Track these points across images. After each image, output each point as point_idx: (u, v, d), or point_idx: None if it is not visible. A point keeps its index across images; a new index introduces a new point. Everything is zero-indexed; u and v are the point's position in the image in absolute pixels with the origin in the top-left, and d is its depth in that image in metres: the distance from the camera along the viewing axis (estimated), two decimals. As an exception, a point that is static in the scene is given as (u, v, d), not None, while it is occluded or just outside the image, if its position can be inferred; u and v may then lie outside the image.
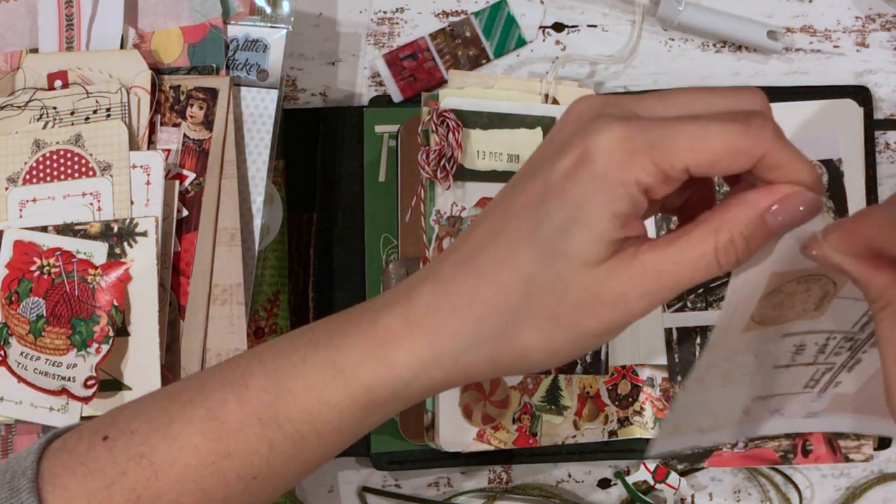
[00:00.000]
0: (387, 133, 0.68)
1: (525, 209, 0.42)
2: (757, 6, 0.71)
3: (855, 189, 0.67)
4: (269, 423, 0.44)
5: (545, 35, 0.71)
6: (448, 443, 0.64)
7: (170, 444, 0.45)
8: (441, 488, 0.69)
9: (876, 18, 0.71)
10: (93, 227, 0.61)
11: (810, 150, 0.67)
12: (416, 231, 0.66)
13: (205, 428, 0.45)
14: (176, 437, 0.45)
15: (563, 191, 0.41)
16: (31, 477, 0.44)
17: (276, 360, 0.45)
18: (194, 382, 0.47)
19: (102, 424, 0.47)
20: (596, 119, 0.41)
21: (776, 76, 0.71)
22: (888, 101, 0.71)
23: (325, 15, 0.71)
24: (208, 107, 0.63)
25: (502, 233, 0.43)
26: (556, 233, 0.41)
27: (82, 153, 0.62)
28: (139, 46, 0.64)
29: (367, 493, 0.69)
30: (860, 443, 0.66)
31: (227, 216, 0.63)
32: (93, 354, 0.60)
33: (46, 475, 0.45)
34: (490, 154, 0.65)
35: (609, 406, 0.67)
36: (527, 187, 0.43)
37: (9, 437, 0.63)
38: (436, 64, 0.70)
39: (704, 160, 0.40)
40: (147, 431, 0.45)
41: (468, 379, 0.45)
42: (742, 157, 0.40)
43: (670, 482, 0.68)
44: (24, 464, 0.45)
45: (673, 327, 0.67)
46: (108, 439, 0.45)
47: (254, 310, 0.65)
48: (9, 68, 0.64)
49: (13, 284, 0.61)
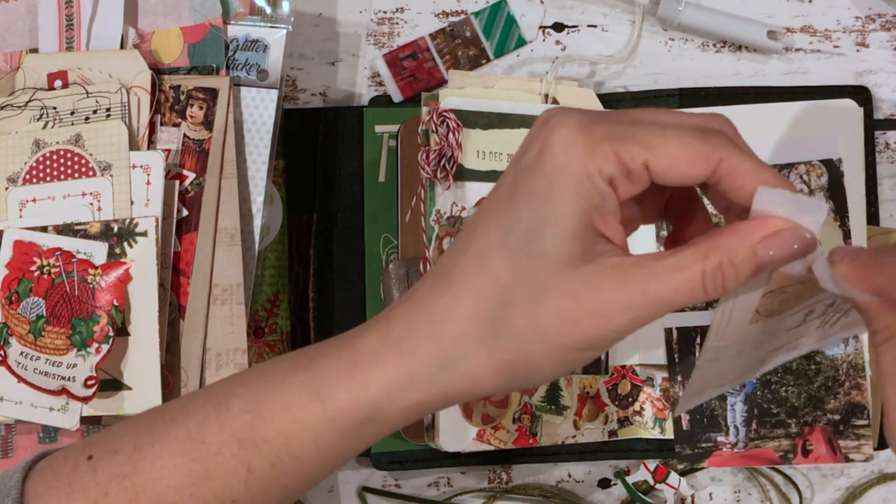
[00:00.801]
0: (387, 133, 0.68)
1: (493, 216, 0.42)
2: (757, 6, 0.71)
3: (855, 189, 0.67)
4: (246, 444, 0.44)
5: (545, 35, 0.71)
6: (448, 443, 0.64)
7: (151, 464, 0.44)
8: (441, 488, 0.69)
9: (876, 18, 0.71)
10: (93, 227, 0.61)
11: (810, 150, 0.67)
12: (416, 231, 0.66)
13: (186, 448, 0.44)
14: (157, 456, 0.44)
15: (528, 190, 0.40)
16: (16, 497, 0.44)
17: (258, 381, 0.45)
18: (178, 403, 0.46)
19: (88, 444, 0.46)
20: (555, 115, 0.41)
21: (776, 76, 0.71)
22: (888, 101, 0.71)
23: (325, 15, 0.71)
24: (208, 107, 0.63)
25: (473, 243, 0.42)
26: (527, 235, 0.40)
27: (82, 153, 0.62)
28: (139, 46, 0.64)
29: (367, 493, 0.69)
30: (860, 443, 0.66)
31: (227, 216, 0.63)
32: (93, 354, 0.60)
33: (31, 495, 0.45)
34: (490, 154, 0.65)
35: (609, 406, 0.67)
36: (494, 194, 0.43)
37: (9, 437, 0.63)
38: (436, 64, 0.70)
39: (664, 158, 0.39)
40: (130, 451, 0.45)
41: (449, 400, 0.43)
42: (699, 160, 0.39)
43: (670, 482, 0.68)
44: (9, 483, 0.45)
45: (673, 327, 0.67)
46: (92, 459, 0.45)
47: (254, 310, 0.65)
48: (9, 68, 0.64)
49: (13, 284, 0.61)
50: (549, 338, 0.41)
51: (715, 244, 0.40)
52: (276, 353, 0.66)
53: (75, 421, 0.61)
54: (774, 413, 0.66)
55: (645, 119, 0.41)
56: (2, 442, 0.63)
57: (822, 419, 0.66)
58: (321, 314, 0.68)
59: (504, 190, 0.42)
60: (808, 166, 0.67)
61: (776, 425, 0.66)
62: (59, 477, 0.45)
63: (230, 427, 0.44)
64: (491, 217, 0.42)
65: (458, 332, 0.41)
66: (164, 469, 0.44)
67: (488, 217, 0.42)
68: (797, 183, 0.66)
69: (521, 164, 0.42)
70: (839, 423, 0.66)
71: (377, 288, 0.67)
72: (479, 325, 0.41)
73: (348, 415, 0.43)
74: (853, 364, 0.66)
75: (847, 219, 0.66)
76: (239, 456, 0.44)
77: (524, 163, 0.41)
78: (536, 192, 0.40)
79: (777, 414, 0.66)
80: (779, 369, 0.66)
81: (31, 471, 0.46)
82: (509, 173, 0.43)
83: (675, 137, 0.40)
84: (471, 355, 0.42)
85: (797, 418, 0.66)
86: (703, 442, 0.67)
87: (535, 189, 0.40)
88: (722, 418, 0.66)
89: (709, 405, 0.67)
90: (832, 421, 0.66)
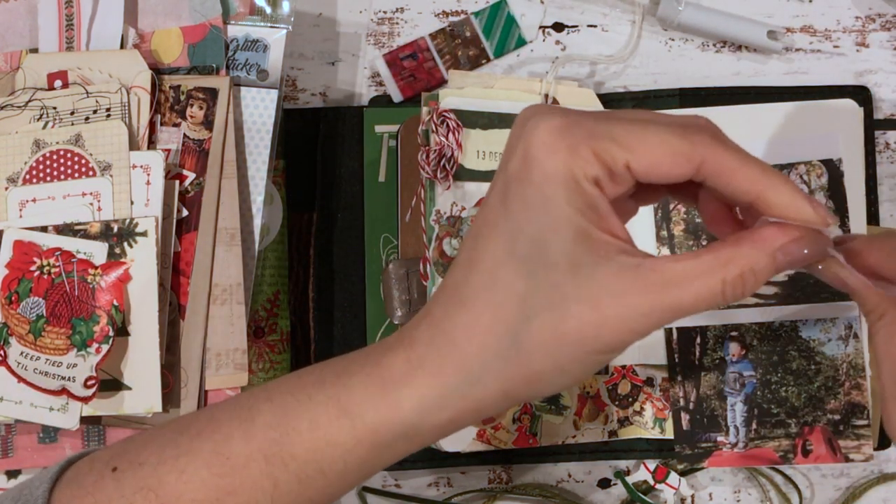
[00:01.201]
0: (387, 133, 0.68)
1: (492, 227, 0.42)
2: (757, 6, 0.71)
3: (855, 189, 0.67)
4: (273, 461, 0.44)
5: (545, 35, 0.71)
6: (448, 443, 0.64)
7: (177, 478, 0.44)
8: (441, 488, 0.69)
9: (876, 18, 0.71)
10: (93, 227, 0.61)
11: (810, 150, 0.67)
12: (416, 231, 0.66)
13: (211, 462, 0.44)
14: (183, 470, 0.44)
15: (522, 199, 0.40)
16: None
17: (284, 397, 0.45)
18: (204, 415, 0.46)
19: (114, 454, 0.46)
20: (533, 116, 0.41)
21: (776, 76, 0.71)
22: (888, 101, 0.71)
23: (325, 15, 0.71)
24: (208, 107, 0.63)
25: (480, 258, 0.42)
26: (534, 245, 0.40)
27: (82, 153, 0.62)
28: (139, 46, 0.64)
29: (367, 493, 0.69)
30: (860, 443, 0.66)
31: (227, 216, 0.63)
32: (93, 354, 0.60)
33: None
34: (490, 154, 0.65)
35: (609, 406, 0.67)
36: (487, 204, 0.42)
37: (9, 436, 0.63)
38: (436, 64, 0.70)
39: (645, 158, 0.39)
40: (155, 464, 0.45)
41: (481, 414, 0.43)
42: (681, 159, 0.39)
43: (670, 482, 0.68)
44: (35, 493, 0.45)
45: (673, 327, 0.67)
46: (117, 470, 0.45)
47: (254, 310, 0.65)
48: (9, 68, 0.64)
49: (13, 284, 0.61)
50: (574, 346, 0.41)
51: (736, 253, 0.40)
52: (276, 353, 0.66)
53: (75, 421, 0.61)
54: (774, 413, 0.66)
55: (624, 118, 0.41)
56: (2, 442, 0.63)
57: (822, 419, 0.66)
58: (321, 314, 0.68)
59: (496, 199, 0.42)
60: (808, 166, 0.67)
61: (776, 425, 0.66)
62: (83, 487, 0.45)
63: (256, 442, 0.44)
64: (491, 229, 0.42)
65: (481, 348, 0.41)
66: (189, 483, 0.44)
67: (487, 229, 0.42)
68: (797, 183, 0.66)
69: (509, 172, 0.41)
70: (839, 423, 0.66)
71: (377, 288, 0.67)
72: (501, 339, 0.41)
73: (379, 433, 0.43)
74: (853, 364, 0.66)
75: (847, 219, 0.66)
76: (265, 471, 0.44)
77: (511, 170, 0.41)
78: (530, 201, 0.40)
79: (777, 414, 0.66)
80: (779, 369, 0.66)
81: (59, 481, 0.46)
82: (498, 181, 0.42)
83: (655, 136, 0.40)
84: (497, 370, 0.42)
85: (797, 418, 0.66)
86: (703, 442, 0.67)
87: (528, 198, 0.40)
88: (722, 418, 0.66)
89: (709, 405, 0.67)
90: (832, 421, 0.66)
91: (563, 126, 0.40)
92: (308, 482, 0.44)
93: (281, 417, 0.44)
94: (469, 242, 0.43)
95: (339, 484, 0.45)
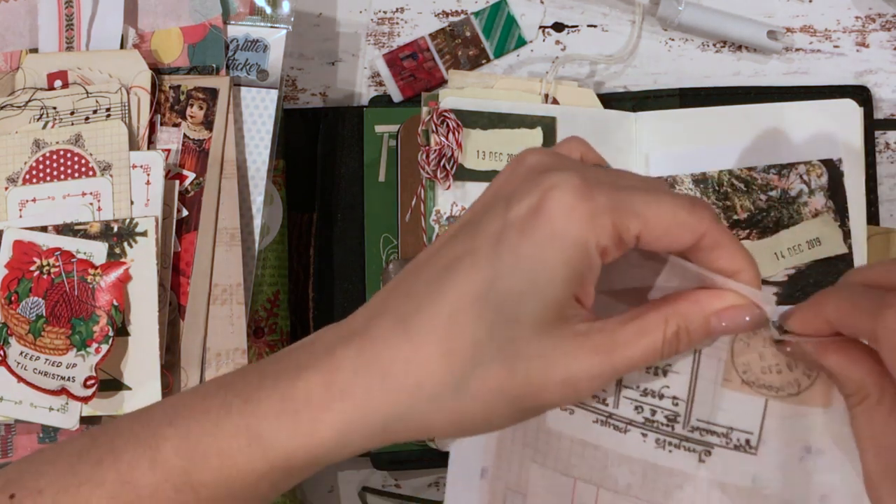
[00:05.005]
0: (387, 133, 0.68)
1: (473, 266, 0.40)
2: (757, 6, 0.71)
3: (855, 189, 0.67)
4: (183, 489, 0.42)
5: (545, 35, 0.71)
6: (448, 443, 0.64)
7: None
8: (441, 488, 0.69)
9: (876, 18, 0.71)
10: (93, 227, 0.61)
11: (810, 150, 0.67)
12: (416, 231, 0.66)
13: (116, 492, 0.42)
14: (86, 500, 0.42)
15: (516, 250, 0.39)
16: None
17: (188, 423, 0.42)
18: (104, 441, 0.44)
19: (10, 480, 0.44)
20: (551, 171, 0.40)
21: (776, 76, 0.71)
22: (888, 101, 0.71)
23: (325, 15, 0.71)
24: (208, 107, 0.63)
25: (446, 293, 0.40)
26: (507, 298, 0.39)
27: (82, 153, 0.62)
28: (139, 46, 0.64)
29: (367, 493, 0.69)
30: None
31: (227, 216, 0.63)
32: (92, 354, 0.60)
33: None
34: (490, 154, 0.65)
35: (609, 406, 0.67)
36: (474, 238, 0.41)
37: (8, 436, 0.63)
38: (436, 64, 0.70)
39: (656, 229, 0.40)
40: (54, 493, 0.42)
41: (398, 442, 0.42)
42: (686, 231, 0.40)
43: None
44: None
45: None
46: (14, 498, 0.43)
47: (254, 310, 0.65)
48: (9, 68, 0.64)
49: (13, 284, 0.61)
50: (513, 400, 0.40)
51: (674, 310, 0.41)
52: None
53: (75, 421, 0.61)
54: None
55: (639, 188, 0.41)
56: (2, 442, 0.63)
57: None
58: (321, 314, 0.68)
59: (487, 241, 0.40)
60: (808, 166, 0.67)
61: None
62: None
63: (163, 472, 0.42)
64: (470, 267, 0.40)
65: (416, 388, 0.40)
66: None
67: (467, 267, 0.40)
68: (797, 183, 0.66)
69: (509, 218, 0.40)
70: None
71: (377, 288, 0.67)
72: (443, 385, 0.40)
73: (293, 460, 0.41)
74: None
75: (847, 219, 0.66)
76: (175, 500, 0.42)
77: (514, 218, 0.40)
78: (525, 254, 0.39)
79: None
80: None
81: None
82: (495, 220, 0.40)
83: (668, 204, 0.40)
84: (427, 412, 0.40)
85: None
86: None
87: (524, 251, 0.39)
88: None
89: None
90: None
91: (584, 190, 0.39)
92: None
93: (187, 446, 0.42)
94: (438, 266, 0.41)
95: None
